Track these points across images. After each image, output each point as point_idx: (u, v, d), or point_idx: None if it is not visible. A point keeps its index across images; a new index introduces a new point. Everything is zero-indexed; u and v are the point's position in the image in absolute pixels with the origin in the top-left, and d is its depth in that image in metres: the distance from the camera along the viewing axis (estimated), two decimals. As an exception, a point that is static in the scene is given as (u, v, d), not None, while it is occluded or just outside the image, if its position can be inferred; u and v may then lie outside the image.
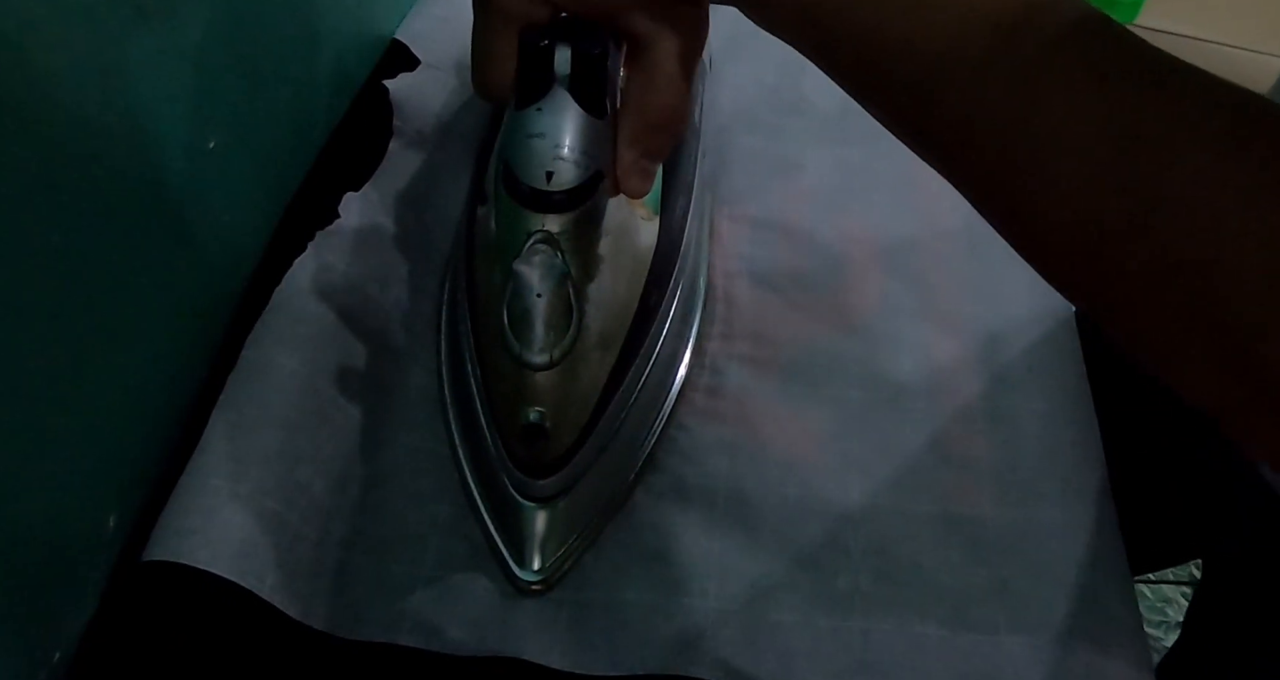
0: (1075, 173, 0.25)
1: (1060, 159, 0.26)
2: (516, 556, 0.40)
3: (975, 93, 0.27)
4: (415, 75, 0.57)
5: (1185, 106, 0.25)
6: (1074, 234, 0.26)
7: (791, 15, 0.31)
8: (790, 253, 0.53)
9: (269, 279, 0.46)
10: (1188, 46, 0.35)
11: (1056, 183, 0.26)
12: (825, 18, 0.30)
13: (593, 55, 0.33)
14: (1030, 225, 0.28)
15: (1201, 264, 0.24)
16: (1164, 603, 1.24)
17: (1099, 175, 0.25)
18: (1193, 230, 0.24)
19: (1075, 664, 0.39)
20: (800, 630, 0.40)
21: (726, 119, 0.59)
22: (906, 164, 0.56)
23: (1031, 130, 0.26)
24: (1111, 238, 0.25)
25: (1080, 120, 0.26)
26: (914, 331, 0.50)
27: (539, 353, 0.36)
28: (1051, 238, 0.27)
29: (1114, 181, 0.25)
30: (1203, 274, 0.24)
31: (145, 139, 0.38)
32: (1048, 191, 0.26)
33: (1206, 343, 0.24)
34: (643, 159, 0.35)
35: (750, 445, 0.45)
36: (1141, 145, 0.25)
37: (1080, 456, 0.45)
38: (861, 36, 0.29)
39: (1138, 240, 0.25)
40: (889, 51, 0.29)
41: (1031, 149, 0.26)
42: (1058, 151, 0.26)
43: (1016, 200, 0.28)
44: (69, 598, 0.38)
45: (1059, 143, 0.26)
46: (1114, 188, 0.25)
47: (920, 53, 0.28)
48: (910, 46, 0.28)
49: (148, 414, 0.41)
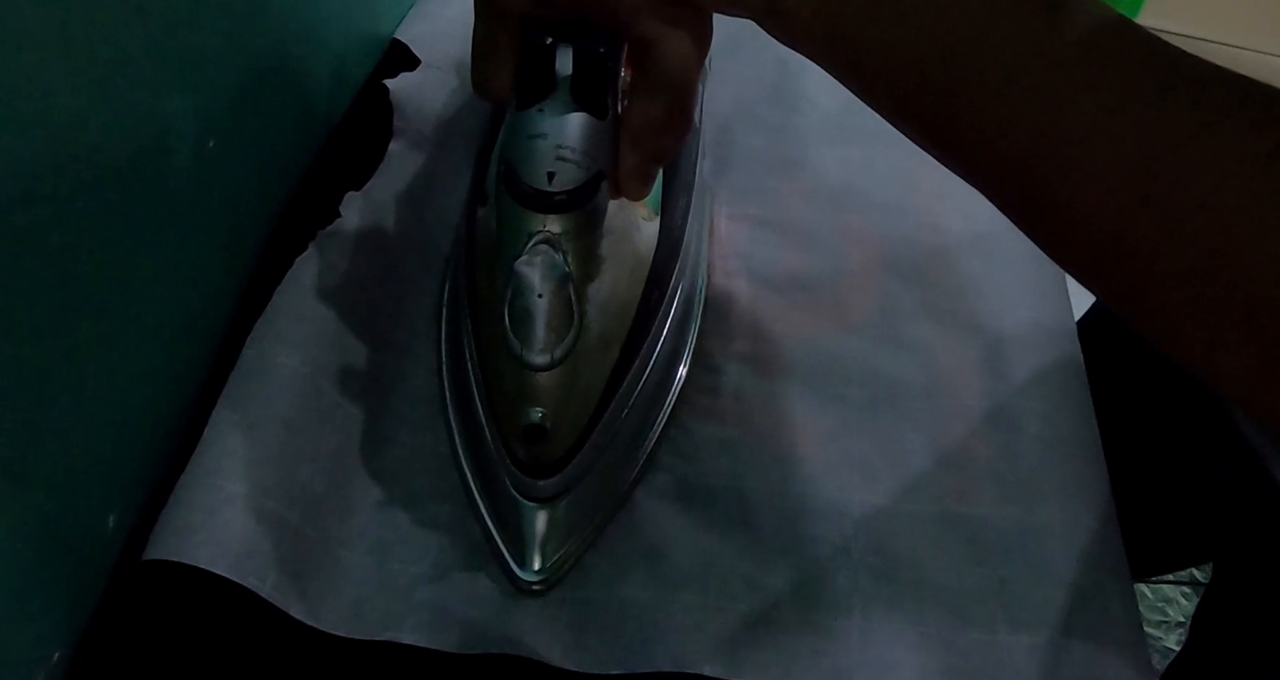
0: (1106, 180, 0.25)
1: (1091, 165, 0.26)
2: (517, 556, 0.40)
3: (1005, 98, 0.27)
4: (416, 75, 0.57)
5: (1215, 114, 0.25)
6: (1104, 241, 0.26)
7: (813, 28, 0.30)
8: (790, 253, 0.53)
9: (270, 278, 0.46)
10: (1187, 47, 0.35)
11: (1087, 189, 0.26)
12: (849, 30, 0.29)
13: (595, 55, 0.33)
14: (1060, 231, 0.28)
15: (1238, 266, 0.24)
16: (1164, 602, 1.24)
17: (1130, 183, 0.25)
18: (1229, 237, 0.24)
19: (1075, 664, 0.39)
20: (800, 630, 0.40)
21: (727, 119, 0.59)
22: (907, 164, 0.57)
23: (1061, 135, 0.26)
24: (1144, 244, 0.25)
25: (1110, 127, 0.25)
26: (914, 331, 0.50)
27: (540, 353, 0.36)
28: (1081, 243, 0.27)
29: (1145, 190, 0.25)
30: (1239, 273, 0.24)
31: (145, 139, 0.38)
32: (1078, 198, 0.26)
33: (1243, 334, 0.24)
34: (645, 162, 0.35)
35: (750, 445, 0.45)
36: (1173, 153, 0.25)
37: (1080, 456, 0.45)
38: (888, 46, 0.29)
39: (1171, 246, 0.25)
40: (916, 59, 0.28)
41: (1062, 155, 0.26)
42: (1089, 157, 0.26)
43: (1045, 206, 0.27)
44: (69, 598, 0.38)
45: (1090, 148, 0.26)
46: (1145, 196, 0.25)
47: (949, 57, 0.28)
48: (937, 52, 0.28)
49: (148, 413, 0.41)
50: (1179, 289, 0.25)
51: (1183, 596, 1.24)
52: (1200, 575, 1.20)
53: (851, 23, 0.29)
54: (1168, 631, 1.20)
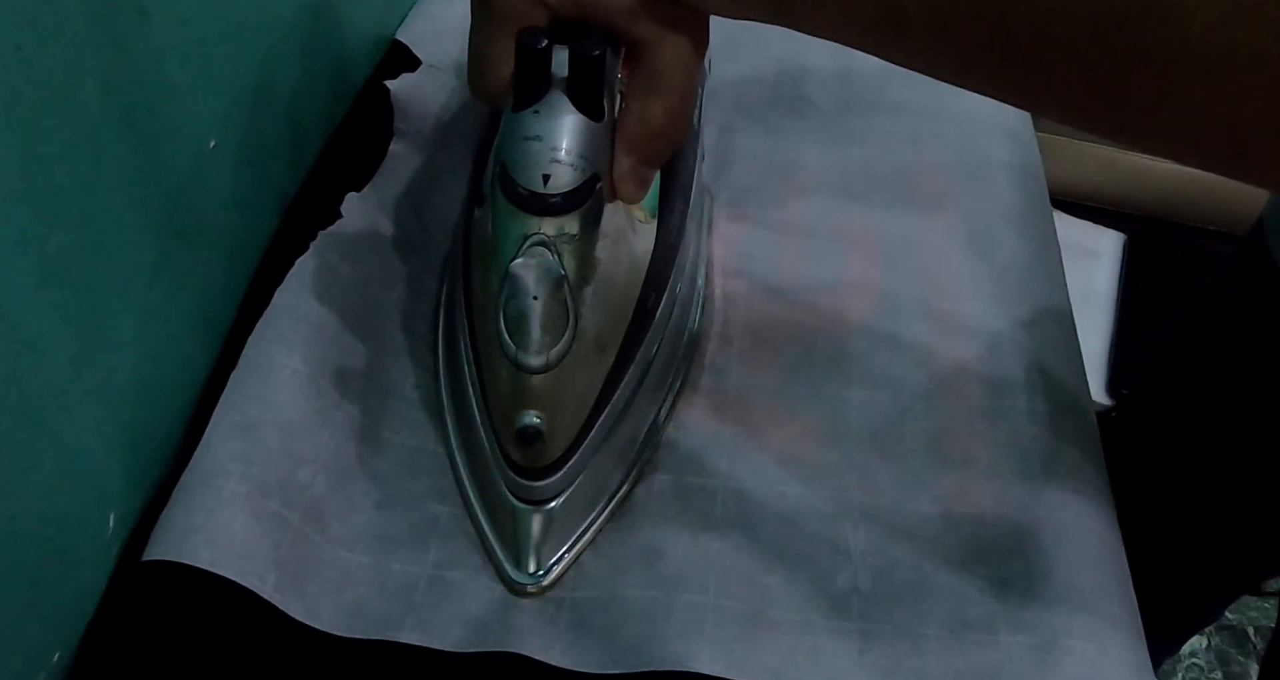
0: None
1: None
2: (512, 559, 0.40)
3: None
4: (416, 76, 0.57)
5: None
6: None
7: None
8: (790, 253, 0.53)
9: (270, 278, 0.46)
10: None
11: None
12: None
13: (591, 58, 0.33)
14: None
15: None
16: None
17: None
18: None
19: (1075, 664, 0.39)
20: (800, 629, 0.40)
21: (726, 119, 0.59)
22: (906, 163, 0.57)
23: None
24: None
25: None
26: (914, 331, 0.50)
27: (535, 355, 0.36)
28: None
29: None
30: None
31: (145, 139, 0.38)
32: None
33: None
34: (640, 166, 0.35)
35: (750, 445, 0.45)
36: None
37: (1080, 456, 0.45)
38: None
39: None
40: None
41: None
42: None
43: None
44: (69, 598, 0.38)
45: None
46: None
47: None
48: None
49: (149, 413, 0.42)
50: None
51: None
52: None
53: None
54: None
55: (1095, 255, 1.29)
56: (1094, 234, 1.32)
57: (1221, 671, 1.26)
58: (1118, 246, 1.31)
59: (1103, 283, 1.26)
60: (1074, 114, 0.29)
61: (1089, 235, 1.32)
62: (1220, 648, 1.27)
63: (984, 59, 0.29)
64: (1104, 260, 1.29)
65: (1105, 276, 1.27)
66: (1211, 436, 0.67)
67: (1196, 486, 0.69)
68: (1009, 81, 0.29)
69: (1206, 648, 1.27)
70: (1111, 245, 1.31)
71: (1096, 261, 1.29)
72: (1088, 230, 1.32)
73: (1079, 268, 1.19)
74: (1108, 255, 1.30)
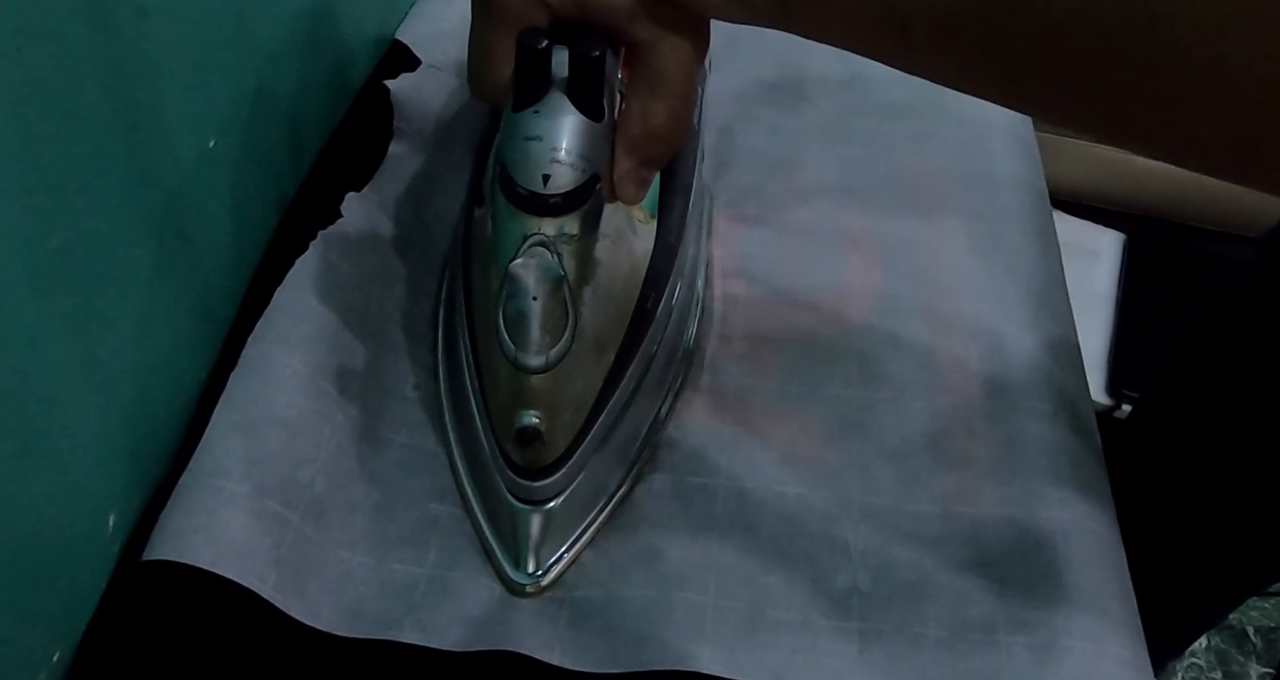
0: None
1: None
2: (512, 559, 0.40)
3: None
4: (416, 76, 0.57)
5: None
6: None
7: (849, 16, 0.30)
8: (790, 253, 0.53)
9: (270, 278, 0.46)
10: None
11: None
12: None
13: (590, 58, 0.33)
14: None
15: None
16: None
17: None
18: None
19: (1075, 664, 0.39)
20: (799, 629, 0.40)
21: (726, 119, 0.59)
22: (907, 164, 0.57)
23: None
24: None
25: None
26: (914, 331, 0.50)
27: (534, 356, 0.36)
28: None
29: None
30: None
31: (145, 139, 0.38)
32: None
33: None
34: (640, 167, 0.35)
35: (750, 445, 0.45)
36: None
37: (1080, 456, 0.45)
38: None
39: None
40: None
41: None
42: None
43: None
44: (69, 598, 0.38)
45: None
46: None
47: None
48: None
49: (148, 413, 0.42)
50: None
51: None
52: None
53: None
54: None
55: (1095, 255, 1.29)
56: (1094, 234, 1.32)
57: (1221, 671, 1.26)
58: (1118, 246, 1.31)
59: (1103, 283, 1.26)
60: (1075, 119, 0.29)
61: (1089, 235, 1.31)
62: (1220, 648, 1.27)
63: (986, 66, 0.29)
64: (1104, 260, 1.29)
65: (1105, 276, 1.27)
66: (1216, 438, 0.67)
67: (1201, 488, 0.69)
68: (1011, 88, 0.30)
69: (1206, 648, 1.27)
70: (1111, 245, 1.31)
71: (1096, 261, 1.28)
72: (1088, 230, 1.32)
73: (1079, 268, 1.19)
74: (1108, 255, 1.30)
